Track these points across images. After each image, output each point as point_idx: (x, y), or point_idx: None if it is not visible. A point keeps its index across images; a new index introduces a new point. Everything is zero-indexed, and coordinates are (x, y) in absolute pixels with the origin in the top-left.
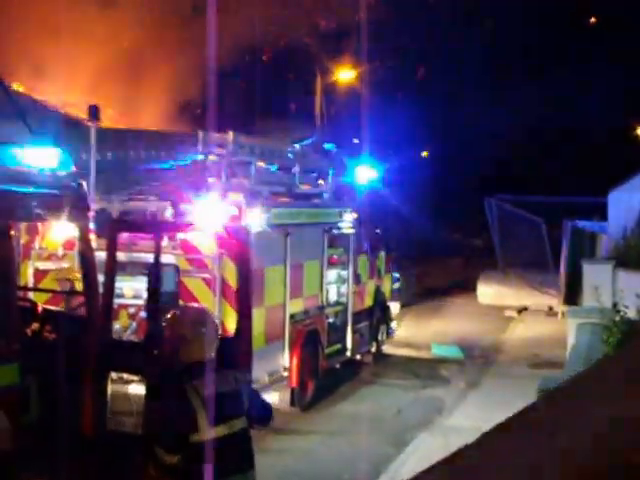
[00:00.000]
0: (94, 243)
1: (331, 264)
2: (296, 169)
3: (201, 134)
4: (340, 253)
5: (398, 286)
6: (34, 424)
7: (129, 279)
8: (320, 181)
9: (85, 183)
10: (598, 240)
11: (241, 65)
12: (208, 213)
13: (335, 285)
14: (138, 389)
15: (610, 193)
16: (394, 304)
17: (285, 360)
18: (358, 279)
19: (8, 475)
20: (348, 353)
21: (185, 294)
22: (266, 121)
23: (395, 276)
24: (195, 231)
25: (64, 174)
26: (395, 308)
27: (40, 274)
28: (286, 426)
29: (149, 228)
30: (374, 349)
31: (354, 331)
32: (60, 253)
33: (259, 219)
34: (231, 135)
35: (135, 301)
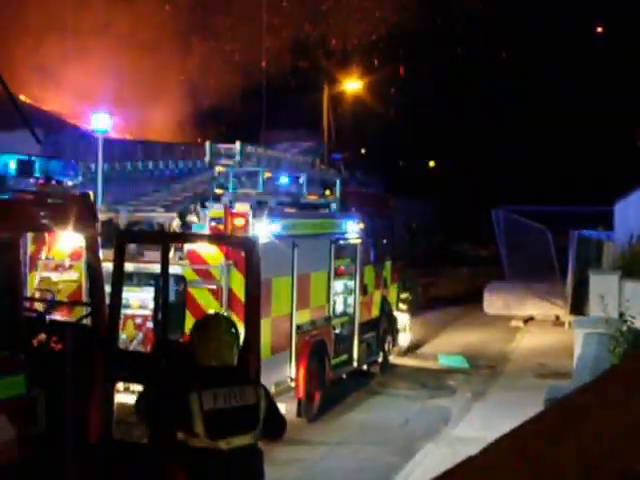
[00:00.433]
0: (101, 254)
1: (338, 274)
2: (303, 179)
3: (208, 145)
4: (347, 263)
5: (407, 297)
6: (40, 434)
7: (136, 290)
8: (327, 191)
9: (92, 193)
10: (604, 249)
11: (249, 76)
12: (215, 224)
13: (342, 295)
14: None
15: (617, 202)
16: (404, 315)
17: (292, 371)
18: (365, 289)
19: None
20: (355, 363)
21: (192, 305)
22: (273, 131)
23: (405, 287)
24: (202, 242)
25: (71, 184)
26: (405, 319)
27: (47, 285)
28: (293, 437)
29: (156, 239)
30: (381, 359)
31: (361, 341)
32: (67, 264)
33: (266, 229)
34: (238, 146)
35: (142, 311)
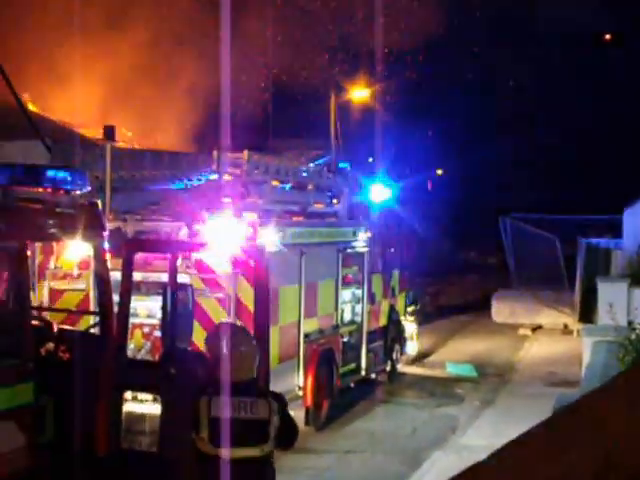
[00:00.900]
0: (109, 263)
1: (345, 283)
2: (310, 188)
3: (216, 154)
4: (354, 272)
5: (415, 307)
6: (49, 443)
7: (143, 299)
8: (334, 200)
9: (100, 203)
10: (613, 257)
11: (256, 84)
12: (223, 233)
13: (349, 304)
14: (152, 408)
15: (625, 210)
16: (411, 324)
17: (300, 379)
18: (372, 298)
19: None
20: (363, 372)
21: (199, 314)
22: (280, 140)
23: (412, 297)
24: (209, 251)
25: (79, 194)
26: (412, 328)
27: (55, 294)
28: (301, 445)
29: (164, 248)
30: (389, 368)
31: (368, 350)
32: (75, 273)
33: (274, 238)
34: (245, 155)
35: (149, 320)
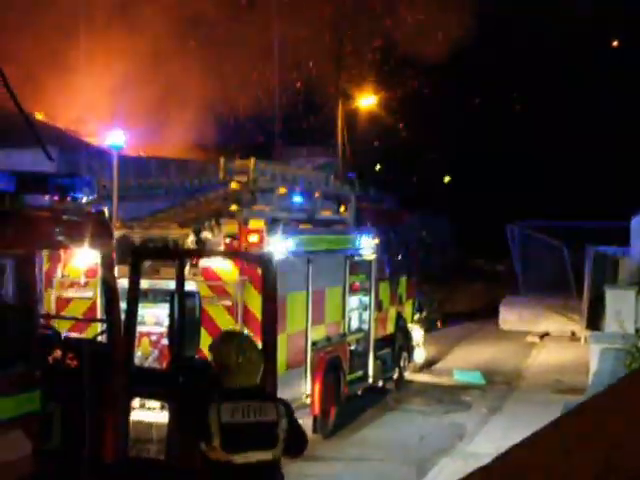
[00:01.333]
0: (116, 271)
1: (353, 290)
2: (317, 195)
3: (222, 161)
4: (362, 279)
5: (422, 315)
6: (56, 451)
7: (151, 306)
8: (341, 207)
9: (107, 210)
10: (620, 265)
11: (263, 92)
12: (230, 240)
13: (357, 311)
14: (160, 416)
15: (633, 218)
16: (418, 331)
17: (307, 387)
18: (380, 305)
19: None
20: (370, 380)
21: (207, 321)
22: (287, 148)
23: (419, 304)
24: (217, 258)
25: (86, 201)
26: (419, 335)
27: (63, 302)
28: (308, 453)
29: (171, 255)
30: (396, 375)
31: (376, 358)
32: (82, 281)
33: (281, 246)
34: (252, 162)
35: (157, 328)
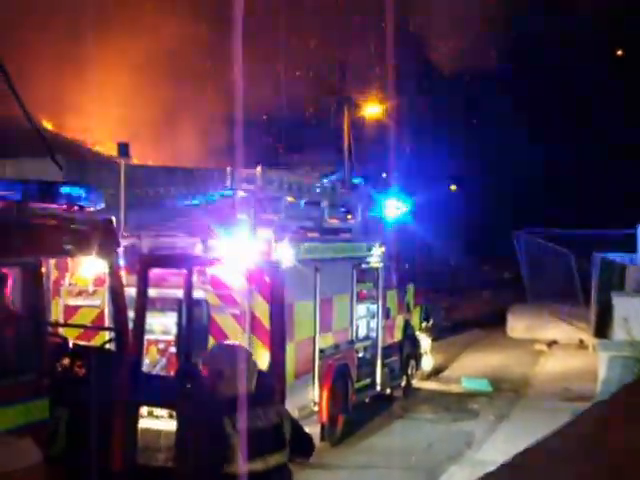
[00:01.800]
0: (124, 279)
1: (360, 298)
2: (325, 204)
3: (230, 170)
4: (369, 287)
5: (429, 324)
6: (65, 459)
7: (159, 315)
8: (348, 215)
9: (115, 219)
10: (628, 272)
11: (269, 100)
12: (238, 248)
13: (364, 319)
14: (168, 424)
15: (639, 225)
16: (426, 339)
17: (315, 395)
18: (387, 313)
19: None
20: (378, 387)
21: (214, 330)
22: (294, 155)
23: (426, 312)
24: (225, 267)
25: (94, 210)
26: (426, 343)
27: (70, 310)
28: (316, 461)
29: (179, 264)
30: (404, 383)
31: (384, 365)
32: (90, 289)
33: (288, 254)
34: (260, 170)
35: (165, 336)
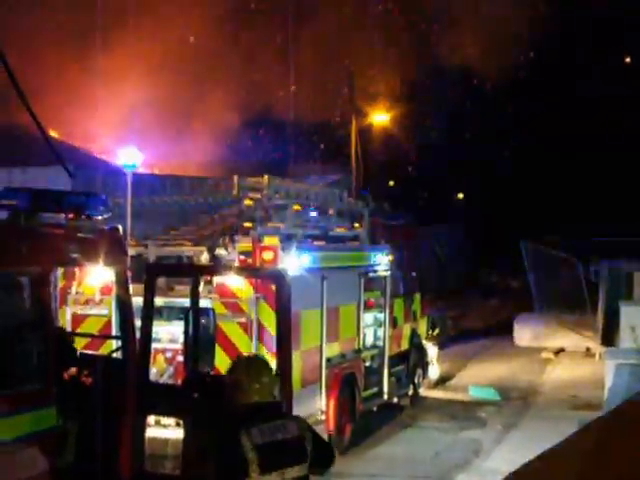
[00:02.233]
0: (131, 288)
1: (367, 307)
2: (331, 212)
3: (237, 178)
4: (376, 296)
5: (434, 332)
6: (72, 467)
7: (165, 323)
8: (355, 224)
9: (121, 228)
10: (635, 280)
11: (275, 107)
12: (244, 257)
13: (371, 328)
14: (175, 432)
15: None
16: (432, 348)
17: (322, 403)
18: (394, 322)
19: None
20: (385, 396)
21: (221, 338)
22: (300, 165)
23: (432, 321)
24: (231, 275)
25: (101, 219)
26: (433, 352)
27: (78, 319)
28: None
29: (186, 272)
30: (411, 392)
31: (391, 374)
32: (97, 298)
33: (295, 262)
34: (266, 179)
35: (172, 345)
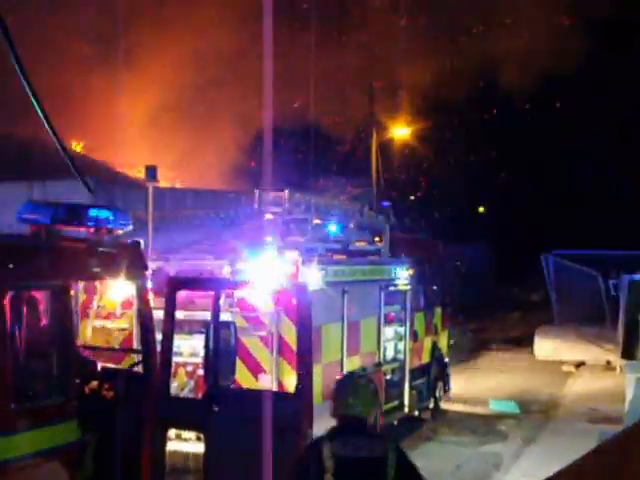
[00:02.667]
0: (152, 302)
1: (388, 321)
2: (352, 226)
3: (257, 192)
4: (397, 310)
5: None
6: None
7: (186, 337)
8: (376, 238)
9: (142, 242)
10: None
11: (296, 122)
12: (265, 271)
13: (392, 342)
14: (196, 446)
15: None
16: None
17: None
18: (415, 336)
19: None
20: (406, 409)
21: (242, 352)
22: (321, 178)
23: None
24: (252, 289)
25: (122, 233)
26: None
27: (99, 333)
28: None
29: (207, 286)
30: (432, 405)
31: (411, 388)
32: (118, 312)
33: (316, 276)
34: (287, 193)
35: (193, 359)
